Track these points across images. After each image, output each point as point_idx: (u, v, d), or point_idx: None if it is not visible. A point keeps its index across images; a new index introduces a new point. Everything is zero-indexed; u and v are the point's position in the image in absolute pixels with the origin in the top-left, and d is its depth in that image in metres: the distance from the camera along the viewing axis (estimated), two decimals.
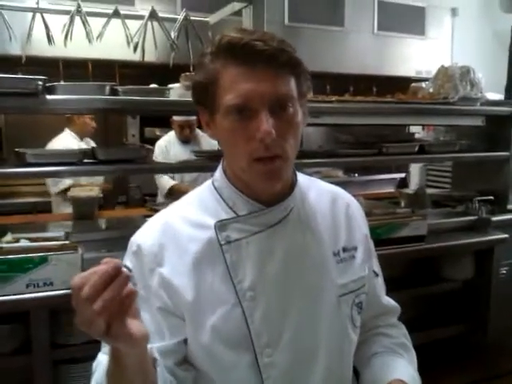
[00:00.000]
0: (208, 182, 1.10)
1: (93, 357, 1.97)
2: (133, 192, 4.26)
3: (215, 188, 1.06)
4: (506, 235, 2.77)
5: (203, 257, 1.00)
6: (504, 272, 2.86)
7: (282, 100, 0.92)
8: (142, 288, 1.00)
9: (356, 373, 1.17)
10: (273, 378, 0.99)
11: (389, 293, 1.28)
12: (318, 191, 1.14)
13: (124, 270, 0.75)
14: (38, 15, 2.56)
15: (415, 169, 5.26)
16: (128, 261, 1.04)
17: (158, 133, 4.39)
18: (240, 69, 0.91)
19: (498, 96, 3.34)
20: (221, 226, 1.00)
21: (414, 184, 4.99)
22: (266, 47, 0.89)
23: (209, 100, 0.96)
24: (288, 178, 1.03)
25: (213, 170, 1.12)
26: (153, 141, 3.97)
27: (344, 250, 1.10)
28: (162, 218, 1.07)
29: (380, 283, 1.24)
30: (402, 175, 5.02)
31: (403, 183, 4.95)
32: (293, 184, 1.07)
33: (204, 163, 2.46)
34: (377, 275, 1.22)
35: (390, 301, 1.27)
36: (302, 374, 1.02)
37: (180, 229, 1.03)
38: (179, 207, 1.09)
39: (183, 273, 0.99)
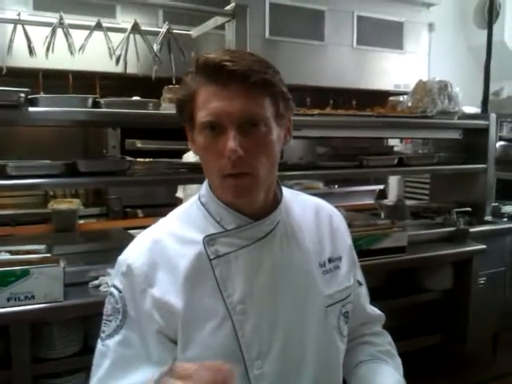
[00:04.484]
0: (195, 198, 1.10)
1: (73, 371, 1.96)
2: (113, 204, 4.22)
3: (202, 203, 1.07)
4: (484, 246, 2.83)
5: (193, 272, 1.00)
6: (482, 282, 2.91)
7: (252, 119, 0.94)
8: (133, 309, 1.00)
9: (343, 381, 1.18)
10: None
11: (370, 303, 1.30)
12: (301, 204, 1.16)
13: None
14: (19, 27, 2.55)
15: (393, 180, 5.33)
16: (117, 281, 1.03)
17: (138, 145, 4.35)
18: (212, 87, 0.93)
19: (474, 110, 3.42)
20: (209, 240, 1.01)
21: (392, 195, 5.05)
22: (236, 67, 0.91)
23: (188, 116, 0.99)
24: (269, 192, 1.04)
25: (197, 181, 1.12)
26: (133, 153, 3.93)
27: (329, 260, 1.12)
28: (149, 236, 1.06)
29: (364, 292, 1.25)
30: (381, 187, 5.07)
31: (382, 195, 5.01)
32: (278, 198, 1.08)
33: (187, 175, 2.46)
34: (361, 284, 1.24)
35: (374, 309, 1.29)
36: None
37: (168, 246, 1.03)
38: (166, 223, 1.09)
39: (174, 290, 0.99)
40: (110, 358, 1.00)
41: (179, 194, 3.98)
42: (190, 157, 3.84)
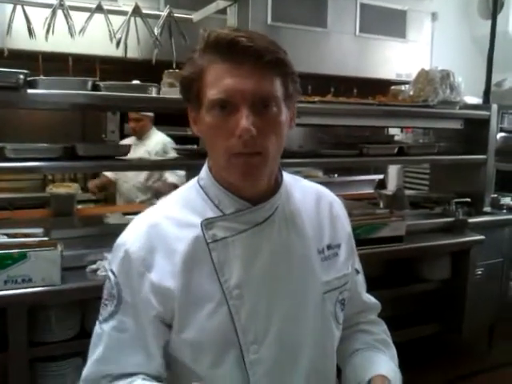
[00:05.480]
0: (193, 181, 1.09)
1: (70, 355, 1.96)
2: (111, 189, 4.22)
3: (201, 187, 1.06)
4: (483, 237, 2.83)
5: (190, 256, 1.00)
6: (479, 273, 2.92)
7: (265, 98, 0.93)
8: (129, 293, 1.00)
9: (338, 369, 1.19)
10: (258, 374, 1.00)
11: (367, 292, 1.30)
12: (302, 190, 1.15)
13: None
14: (18, 7, 2.52)
15: (393, 170, 5.32)
16: (114, 266, 1.03)
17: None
18: (225, 65, 0.92)
19: (476, 100, 3.40)
20: (207, 224, 1.00)
21: (391, 185, 5.05)
22: (251, 44, 0.89)
23: (194, 95, 0.97)
24: (272, 176, 1.04)
25: (194, 167, 1.11)
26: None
27: (328, 247, 1.12)
28: (147, 220, 1.05)
29: (361, 280, 1.26)
30: (381, 176, 5.07)
31: (381, 184, 5.00)
32: (278, 182, 1.07)
33: (183, 161, 2.45)
34: (358, 272, 1.24)
35: (370, 298, 1.29)
36: (286, 370, 1.04)
37: (166, 229, 1.02)
38: (164, 207, 1.08)
39: (172, 274, 0.99)
40: (104, 342, 1.01)
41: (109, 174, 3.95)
42: (126, 142, 3.82)
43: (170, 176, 3.74)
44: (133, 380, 0.98)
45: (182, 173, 3.54)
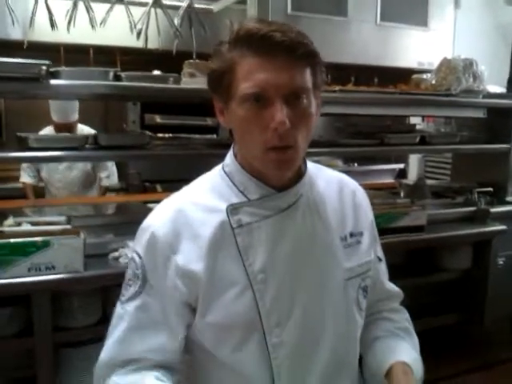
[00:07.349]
0: (218, 168, 1.11)
1: (93, 340, 2.00)
2: (132, 178, 4.26)
3: (226, 173, 1.08)
4: (505, 227, 2.80)
5: (215, 240, 1.01)
6: (501, 263, 2.88)
7: (298, 91, 0.94)
8: (153, 275, 1.02)
9: (359, 356, 1.19)
10: (281, 358, 1.01)
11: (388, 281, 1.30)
12: (325, 178, 1.17)
13: None
14: (41, 0, 2.55)
15: (414, 160, 5.27)
16: (139, 247, 1.05)
17: (158, 120, 4.36)
18: (257, 59, 0.92)
19: (500, 89, 3.34)
20: (232, 209, 1.02)
21: (412, 175, 5.00)
22: (284, 38, 0.90)
23: (224, 88, 0.98)
24: (298, 165, 1.05)
25: (216, 157, 1.13)
26: (153, 128, 3.94)
27: (351, 235, 1.13)
28: (173, 204, 1.07)
29: (383, 268, 1.26)
30: (401, 166, 5.02)
31: (402, 174, 4.96)
32: (302, 171, 1.09)
33: (206, 150, 2.45)
34: (380, 260, 1.24)
35: (393, 286, 1.29)
36: (308, 354, 1.05)
37: (192, 214, 1.04)
38: (190, 192, 1.10)
39: (197, 258, 1.01)
40: (127, 322, 1.03)
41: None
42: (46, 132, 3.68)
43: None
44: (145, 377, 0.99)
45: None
